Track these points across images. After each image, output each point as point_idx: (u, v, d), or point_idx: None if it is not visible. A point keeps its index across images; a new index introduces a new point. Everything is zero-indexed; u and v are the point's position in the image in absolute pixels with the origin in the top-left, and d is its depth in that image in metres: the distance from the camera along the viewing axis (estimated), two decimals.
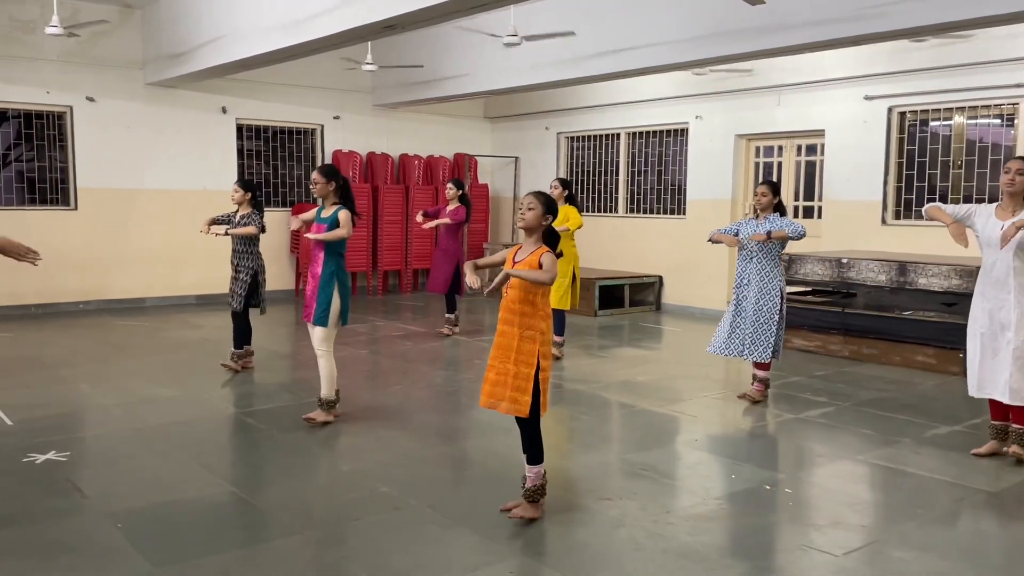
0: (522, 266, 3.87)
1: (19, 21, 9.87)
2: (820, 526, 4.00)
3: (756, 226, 6.19)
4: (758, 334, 6.16)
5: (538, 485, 3.95)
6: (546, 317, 3.90)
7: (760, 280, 6.17)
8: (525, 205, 3.93)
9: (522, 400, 3.84)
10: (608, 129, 12.36)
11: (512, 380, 3.85)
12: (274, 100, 11.86)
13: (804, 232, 6.05)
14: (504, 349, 3.89)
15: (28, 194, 10.46)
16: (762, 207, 6.24)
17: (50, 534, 3.76)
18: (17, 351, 7.98)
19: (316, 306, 5.42)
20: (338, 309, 5.46)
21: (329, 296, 5.41)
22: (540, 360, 3.84)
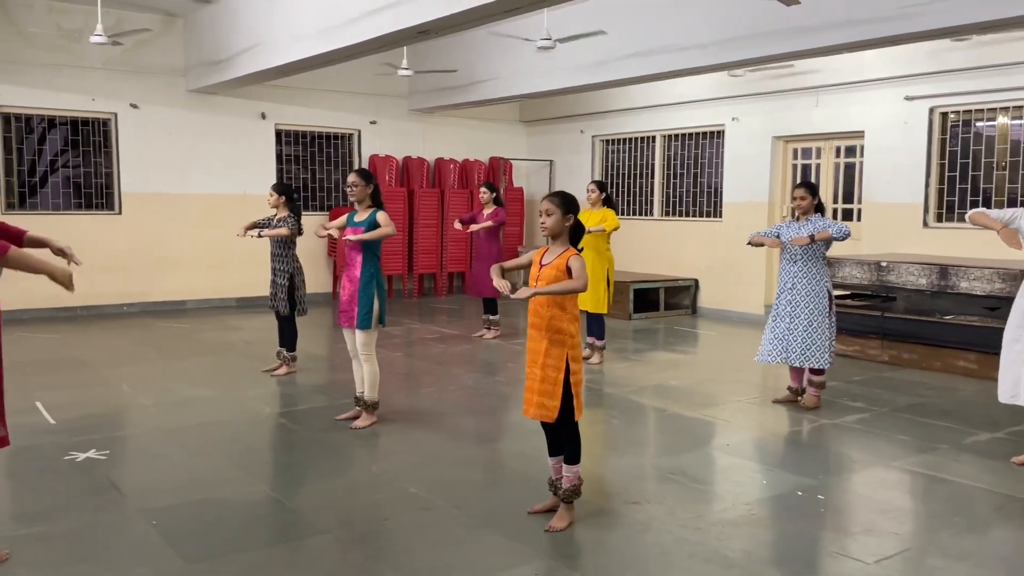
0: (549, 269, 3.84)
1: (65, 30, 10.15)
2: (853, 533, 3.94)
3: (798, 228, 6.04)
4: (812, 339, 6.00)
5: (575, 486, 3.94)
6: (574, 320, 3.86)
7: (807, 283, 6.02)
8: (544, 212, 3.88)
9: (550, 405, 3.81)
10: (643, 132, 12.30)
11: (540, 385, 3.82)
12: (312, 106, 12.03)
13: (849, 232, 5.89)
14: (533, 353, 3.87)
15: (74, 199, 10.74)
16: (802, 211, 6.08)
17: (86, 530, 3.86)
18: (62, 352, 8.19)
19: (358, 310, 5.44)
20: (378, 310, 5.49)
21: (370, 298, 5.44)
22: (570, 363, 3.82)
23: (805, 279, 6.04)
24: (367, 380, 5.58)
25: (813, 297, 6.01)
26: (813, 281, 6.02)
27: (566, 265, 3.78)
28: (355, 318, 5.46)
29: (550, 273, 3.82)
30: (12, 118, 10.17)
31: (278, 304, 7.03)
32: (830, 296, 6.07)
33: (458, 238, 12.78)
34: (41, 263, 3.33)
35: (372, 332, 5.51)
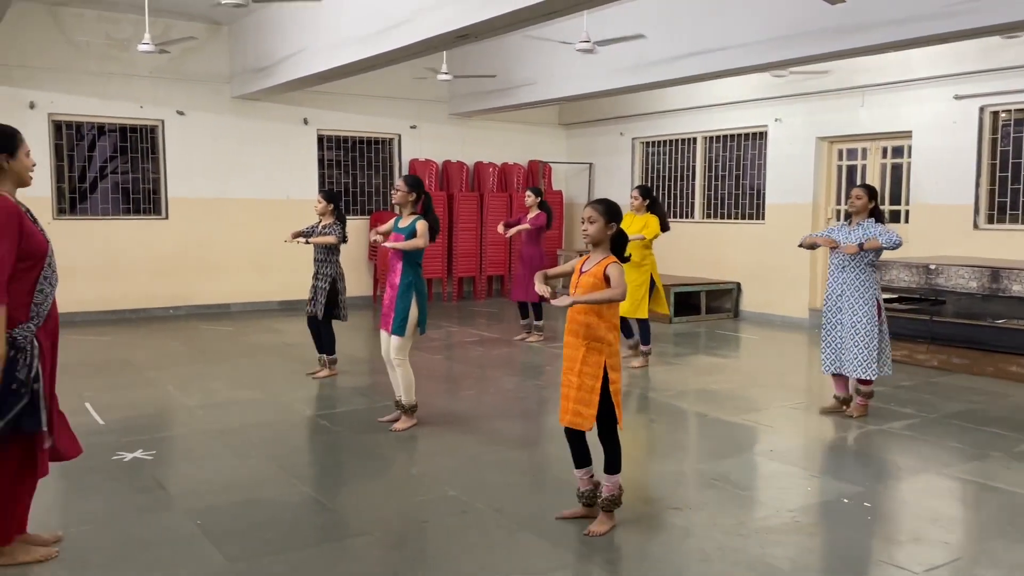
0: (587, 277, 3.80)
1: (114, 39, 10.39)
2: (900, 542, 3.85)
3: (849, 232, 5.91)
4: (859, 349, 5.85)
5: (615, 495, 3.90)
6: (613, 328, 3.81)
7: (855, 291, 5.87)
8: (586, 219, 3.84)
9: (586, 413, 3.77)
10: (684, 133, 12.20)
11: (576, 393, 3.77)
12: (353, 111, 12.15)
13: (900, 242, 5.74)
14: (570, 361, 3.83)
15: (123, 204, 10.98)
16: (855, 210, 5.92)
17: (132, 529, 3.93)
18: (111, 354, 8.38)
19: (395, 315, 5.47)
20: (415, 318, 5.49)
21: (407, 305, 5.45)
22: (608, 372, 3.77)
23: (852, 287, 5.89)
24: (402, 384, 5.61)
25: (861, 305, 5.86)
26: (861, 289, 5.87)
27: (604, 273, 3.74)
28: (391, 324, 5.49)
29: (588, 281, 3.78)
30: (63, 125, 10.44)
31: (316, 308, 7.09)
32: (879, 305, 5.90)
33: (497, 242, 12.80)
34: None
35: (407, 339, 5.51)
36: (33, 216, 3.44)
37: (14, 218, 3.25)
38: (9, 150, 3.35)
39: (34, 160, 3.52)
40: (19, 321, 3.27)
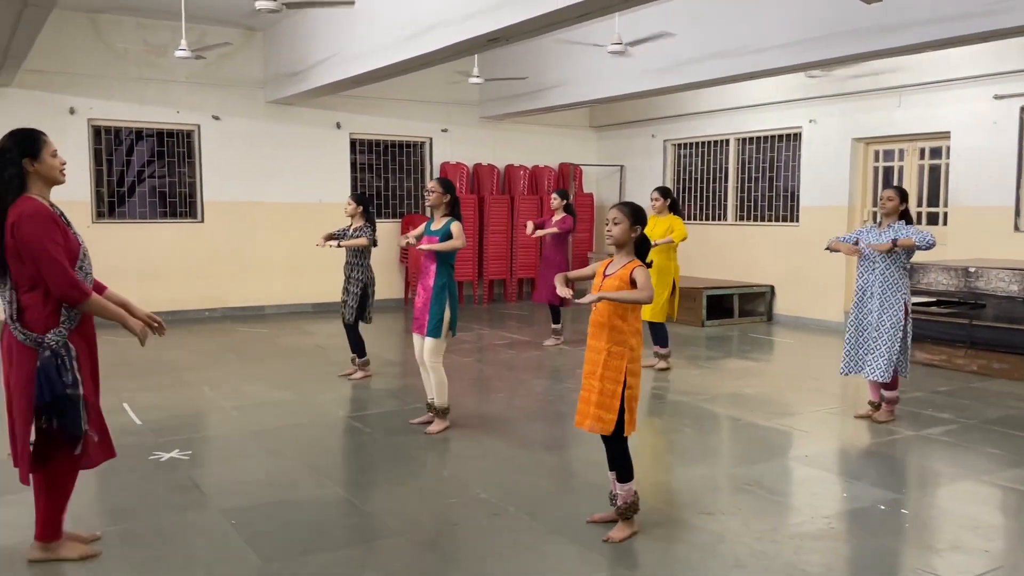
0: (612, 280, 3.77)
1: (152, 46, 10.57)
2: (939, 549, 3.78)
3: (879, 234, 5.83)
4: (880, 351, 5.78)
5: (630, 502, 3.86)
6: (636, 333, 3.79)
7: (883, 292, 5.78)
8: (611, 220, 3.82)
9: (606, 418, 3.74)
10: (717, 135, 12.11)
11: (597, 397, 3.75)
12: (385, 115, 12.23)
13: (934, 242, 5.64)
14: (592, 364, 3.82)
15: (160, 208, 11.16)
16: (886, 212, 5.83)
17: (168, 528, 3.99)
18: (148, 355, 8.47)
19: (429, 318, 5.47)
20: (449, 320, 5.51)
21: (442, 308, 5.46)
22: (627, 377, 3.75)
23: (882, 287, 5.79)
24: (435, 387, 5.62)
25: (888, 308, 5.75)
26: (890, 291, 5.76)
27: (630, 276, 3.71)
28: (425, 326, 5.51)
29: (613, 283, 3.76)
30: (102, 131, 10.63)
31: (345, 311, 7.15)
32: (907, 309, 5.79)
33: (528, 244, 12.80)
34: (118, 313, 3.47)
35: (441, 341, 5.53)
36: (67, 219, 3.49)
37: (49, 220, 3.30)
38: (32, 153, 3.36)
39: (63, 159, 3.52)
40: (51, 326, 3.32)
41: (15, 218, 3.26)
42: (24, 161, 3.34)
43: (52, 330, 3.31)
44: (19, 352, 3.33)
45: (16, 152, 3.34)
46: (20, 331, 3.31)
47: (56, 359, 3.29)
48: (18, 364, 3.35)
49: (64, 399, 3.30)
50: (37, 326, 3.31)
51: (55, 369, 3.28)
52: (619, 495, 3.86)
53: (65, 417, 3.32)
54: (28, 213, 3.26)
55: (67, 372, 3.31)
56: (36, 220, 3.26)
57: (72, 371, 3.33)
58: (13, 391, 3.38)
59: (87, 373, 3.45)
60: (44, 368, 3.27)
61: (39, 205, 3.33)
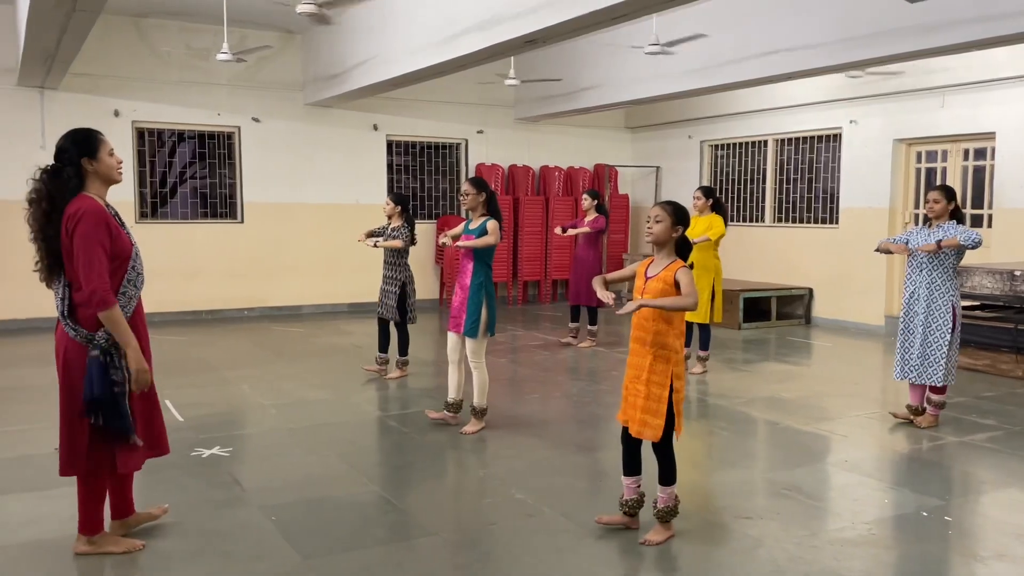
0: (655, 282, 3.74)
1: (194, 49, 10.76)
2: (983, 557, 3.71)
3: (927, 235, 5.70)
4: (928, 353, 5.68)
5: (671, 506, 3.84)
6: (680, 335, 3.76)
7: (929, 294, 5.68)
8: (652, 218, 3.79)
9: (653, 423, 3.72)
10: (755, 136, 11.99)
11: (644, 402, 3.72)
12: (421, 116, 12.31)
13: (980, 241, 5.52)
14: (636, 369, 3.79)
15: (201, 208, 11.35)
16: (935, 215, 5.71)
17: (211, 523, 4.06)
18: (189, 354, 8.66)
19: (466, 317, 5.50)
20: (486, 319, 5.52)
21: (479, 306, 5.48)
22: (673, 381, 3.72)
23: (929, 289, 5.70)
24: (476, 387, 5.63)
25: (936, 309, 5.67)
26: (938, 292, 5.68)
27: (674, 278, 3.68)
28: (463, 325, 5.53)
29: (656, 286, 3.72)
30: (145, 133, 10.84)
31: (386, 311, 7.20)
32: (955, 311, 5.69)
33: (562, 245, 12.80)
34: (130, 341, 3.40)
35: (480, 340, 5.54)
36: (120, 219, 3.56)
37: (101, 220, 3.35)
38: (89, 152, 3.42)
39: (120, 158, 3.58)
40: (100, 324, 3.36)
41: (72, 215, 3.31)
42: (83, 161, 3.40)
43: (103, 328, 3.36)
44: (70, 348, 3.40)
45: (74, 152, 3.40)
46: (72, 327, 3.37)
47: (105, 357, 3.34)
48: (68, 360, 3.42)
49: (111, 397, 3.35)
50: (88, 323, 3.36)
51: (103, 367, 3.33)
52: (660, 497, 3.84)
53: (113, 415, 3.37)
54: (85, 210, 3.32)
55: (116, 371, 3.36)
56: (90, 219, 3.31)
57: (122, 369, 3.38)
58: (63, 386, 3.46)
59: None
60: (92, 365, 3.32)
61: (96, 204, 3.38)
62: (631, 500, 3.92)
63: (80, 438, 3.42)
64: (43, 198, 3.36)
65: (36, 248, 3.40)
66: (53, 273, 3.42)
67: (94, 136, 3.48)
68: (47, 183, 3.37)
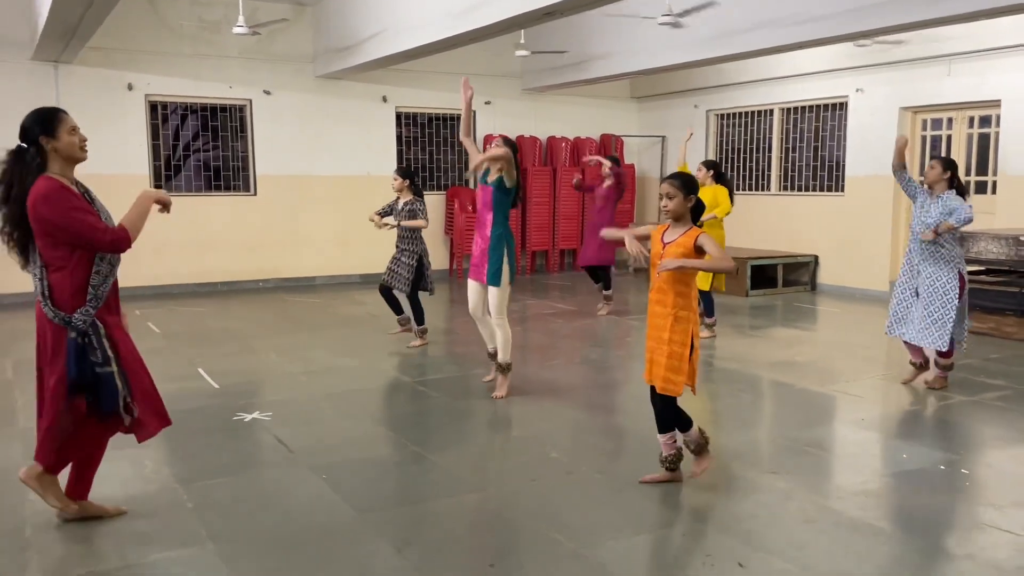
0: (673, 247, 3.90)
1: (206, 22, 10.79)
2: (1000, 506, 3.93)
3: (930, 205, 5.81)
4: (935, 319, 5.78)
5: (701, 443, 4.07)
6: (695, 297, 3.99)
7: (935, 261, 5.79)
8: (665, 195, 3.95)
9: (677, 380, 3.93)
10: (760, 105, 12.10)
11: (666, 360, 3.92)
12: (429, 88, 12.37)
13: (971, 217, 5.64)
14: (658, 330, 3.97)
15: (214, 181, 11.44)
16: (930, 181, 5.85)
17: (267, 482, 4.26)
18: (212, 324, 8.83)
19: (488, 266, 5.57)
20: (508, 270, 5.61)
21: (500, 256, 5.56)
22: (694, 339, 3.94)
23: (934, 257, 5.80)
24: (500, 343, 5.75)
25: (941, 275, 5.77)
26: (943, 260, 5.78)
27: (694, 244, 3.85)
28: (484, 274, 5.62)
29: (676, 251, 3.89)
30: (159, 106, 10.90)
31: (395, 280, 7.36)
32: (963, 278, 5.81)
33: (570, 216, 12.95)
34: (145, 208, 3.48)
35: (503, 290, 5.62)
36: (91, 196, 3.50)
37: (64, 194, 3.30)
38: (48, 131, 3.34)
39: (84, 136, 3.46)
40: (76, 306, 3.34)
41: (31, 202, 3.27)
42: (41, 139, 3.34)
43: (79, 309, 3.34)
44: (51, 328, 3.38)
45: (35, 131, 3.35)
46: (50, 309, 3.35)
47: (83, 339, 3.34)
48: (44, 339, 3.41)
49: (94, 377, 3.35)
50: (65, 305, 3.34)
51: (81, 349, 3.33)
52: (686, 441, 4.07)
53: (100, 394, 3.37)
54: (41, 194, 3.27)
55: (95, 351, 3.35)
56: (50, 199, 3.27)
57: (102, 349, 3.36)
58: (44, 365, 3.44)
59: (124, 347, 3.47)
60: (70, 348, 3.32)
61: (51, 183, 3.32)
62: (671, 456, 4.12)
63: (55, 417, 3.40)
64: (6, 179, 3.34)
65: (5, 232, 3.38)
66: (25, 255, 3.39)
67: (54, 114, 3.41)
68: (11, 164, 3.35)
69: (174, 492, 4.06)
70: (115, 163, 10.25)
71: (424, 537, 3.62)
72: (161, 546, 3.48)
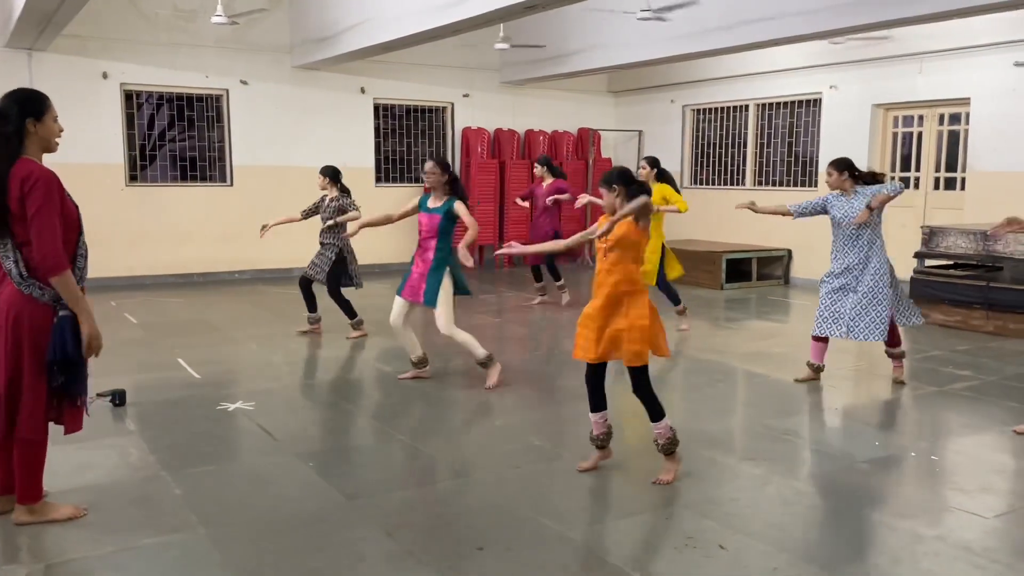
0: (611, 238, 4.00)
1: (182, 11, 10.70)
2: (968, 490, 4.07)
3: (847, 202, 5.78)
4: (876, 312, 5.70)
5: (670, 437, 4.11)
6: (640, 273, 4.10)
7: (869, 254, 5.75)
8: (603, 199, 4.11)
9: (643, 349, 4.00)
10: (736, 101, 12.26)
11: (628, 333, 3.99)
12: (408, 80, 12.36)
13: (900, 188, 5.63)
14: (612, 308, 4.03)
15: (190, 171, 11.36)
16: (833, 188, 5.84)
17: (254, 470, 4.29)
18: (190, 315, 8.79)
19: (426, 289, 5.67)
20: (450, 288, 5.73)
21: (439, 278, 5.68)
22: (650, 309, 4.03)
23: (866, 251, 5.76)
24: (467, 346, 5.84)
25: (878, 268, 5.74)
26: (875, 252, 5.76)
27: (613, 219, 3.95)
28: (423, 295, 5.70)
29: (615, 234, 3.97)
30: (134, 95, 10.80)
31: (314, 271, 7.56)
32: (891, 266, 5.83)
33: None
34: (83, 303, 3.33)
35: (447, 305, 5.73)
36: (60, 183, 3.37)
37: (55, 187, 3.25)
38: (36, 114, 3.29)
39: (62, 126, 3.44)
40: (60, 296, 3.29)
41: (24, 179, 3.19)
42: (27, 122, 3.27)
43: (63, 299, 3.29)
44: (29, 311, 3.28)
45: (17, 112, 3.26)
46: (37, 286, 3.26)
47: (73, 317, 3.29)
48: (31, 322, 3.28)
49: (80, 357, 3.33)
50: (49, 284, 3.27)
51: (72, 326, 3.28)
52: (657, 433, 4.13)
53: (76, 375, 3.34)
54: (39, 177, 3.21)
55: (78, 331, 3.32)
56: (43, 185, 3.21)
57: (78, 333, 3.31)
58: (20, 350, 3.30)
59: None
60: (64, 325, 3.26)
61: (47, 170, 3.27)
62: (601, 435, 4.26)
63: (40, 402, 3.34)
64: None
65: None
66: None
67: (44, 99, 3.35)
68: None
69: (162, 480, 4.08)
70: (89, 152, 10.14)
71: (413, 522, 3.67)
72: (153, 531, 3.50)
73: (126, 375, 5.82)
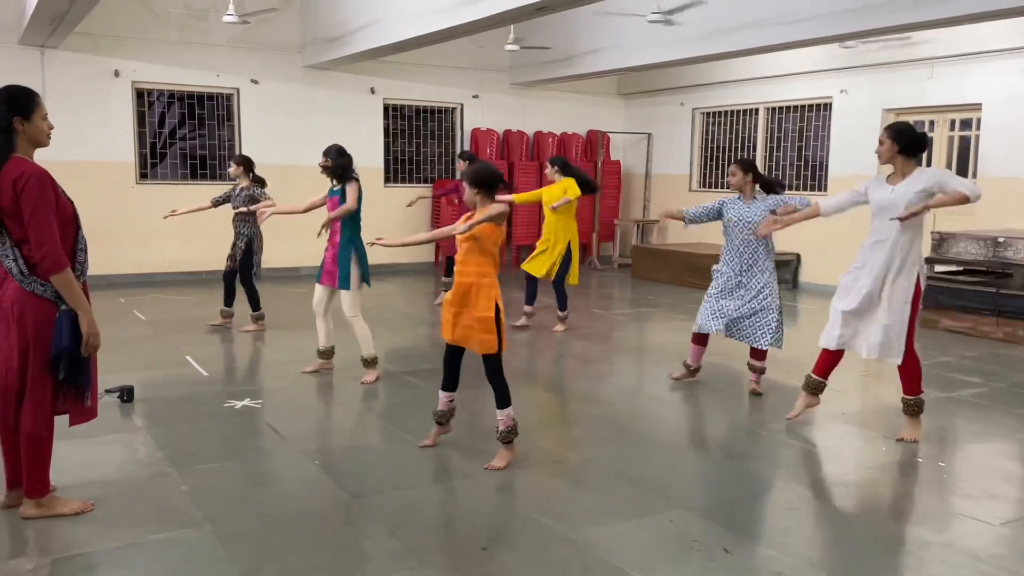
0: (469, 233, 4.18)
1: (193, 10, 10.74)
2: (975, 497, 4.05)
3: (747, 208, 5.75)
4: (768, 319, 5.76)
5: (510, 427, 4.29)
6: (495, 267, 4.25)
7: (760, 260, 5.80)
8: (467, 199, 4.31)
9: (489, 339, 4.18)
10: (746, 104, 12.23)
11: (478, 323, 4.18)
12: (417, 80, 12.38)
13: (808, 201, 5.66)
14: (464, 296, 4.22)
15: (200, 170, 11.40)
16: (735, 187, 5.79)
17: (260, 467, 4.31)
18: (198, 312, 8.81)
19: (339, 271, 5.86)
20: (359, 273, 5.86)
21: (347, 260, 5.84)
22: (498, 303, 4.20)
23: (757, 257, 5.78)
24: (359, 338, 5.95)
25: (767, 275, 5.78)
26: (765, 259, 5.80)
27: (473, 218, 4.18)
28: (336, 279, 5.86)
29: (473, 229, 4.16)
30: (145, 93, 10.85)
31: (233, 264, 7.80)
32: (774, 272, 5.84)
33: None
34: (82, 301, 3.35)
35: (355, 292, 5.86)
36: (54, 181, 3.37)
37: (48, 184, 3.26)
38: (24, 112, 3.29)
39: (52, 124, 3.43)
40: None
41: (18, 179, 3.20)
42: (15, 120, 3.27)
43: None
44: (33, 307, 3.29)
45: (5, 110, 3.26)
46: (39, 283, 3.28)
47: (73, 312, 3.31)
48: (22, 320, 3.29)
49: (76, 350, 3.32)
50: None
51: (71, 321, 3.29)
52: (501, 420, 4.28)
53: (80, 369, 3.36)
54: (31, 175, 3.22)
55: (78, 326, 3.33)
56: (37, 183, 3.21)
57: (77, 327, 3.33)
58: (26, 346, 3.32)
59: None
60: (64, 319, 3.28)
61: (40, 168, 3.28)
62: (445, 411, 4.51)
63: (46, 397, 3.37)
64: None
65: None
66: None
67: (32, 97, 3.35)
68: None
69: (169, 476, 4.10)
70: (100, 150, 10.21)
71: (417, 521, 3.68)
72: (159, 527, 3.51)
73: (134, 372, 5.85)
